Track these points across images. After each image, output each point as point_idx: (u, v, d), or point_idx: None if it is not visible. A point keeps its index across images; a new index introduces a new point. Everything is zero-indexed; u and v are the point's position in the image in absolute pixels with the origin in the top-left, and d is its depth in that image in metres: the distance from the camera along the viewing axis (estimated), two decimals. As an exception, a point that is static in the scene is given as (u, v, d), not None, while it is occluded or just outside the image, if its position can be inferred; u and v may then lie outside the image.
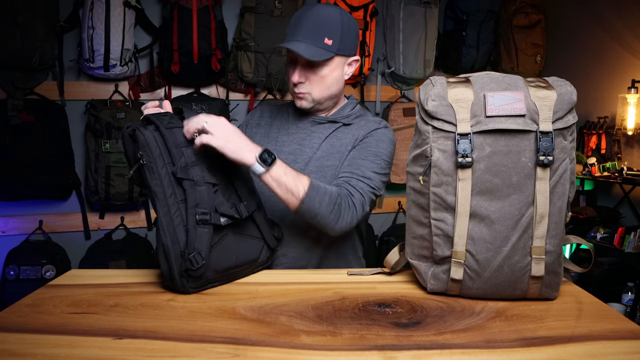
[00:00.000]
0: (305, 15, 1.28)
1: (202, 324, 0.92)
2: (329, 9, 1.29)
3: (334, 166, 1.32)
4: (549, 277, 0.99)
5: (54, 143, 2.73)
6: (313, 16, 1.27)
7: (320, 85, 1.30)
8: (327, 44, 1.25)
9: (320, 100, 1.33)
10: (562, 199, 0.97)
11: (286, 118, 1.42)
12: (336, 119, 1.36)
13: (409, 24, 3.11)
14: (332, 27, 1.26)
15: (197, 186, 1.05)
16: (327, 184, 1.24)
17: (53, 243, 2.81)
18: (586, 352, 0.82)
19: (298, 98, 1.33)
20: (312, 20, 1.26)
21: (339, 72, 1.32)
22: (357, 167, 1.28)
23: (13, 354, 0.79)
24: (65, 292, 1.07)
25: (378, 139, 1.33)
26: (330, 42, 1.25)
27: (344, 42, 1.28)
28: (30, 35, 2.54)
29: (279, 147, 1.37)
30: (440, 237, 1.01)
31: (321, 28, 1.25)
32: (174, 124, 1.08)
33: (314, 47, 1.24)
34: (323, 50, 1.25)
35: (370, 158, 1.29)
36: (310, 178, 1.17)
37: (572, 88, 0.99)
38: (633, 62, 2.96)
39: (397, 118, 3.21)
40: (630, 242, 2.62)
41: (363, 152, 1.31)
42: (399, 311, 0.98)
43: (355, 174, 1.26)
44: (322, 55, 1.25)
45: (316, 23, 1.26)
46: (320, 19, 1.26)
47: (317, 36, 1.25)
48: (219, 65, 2.85)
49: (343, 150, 1.33)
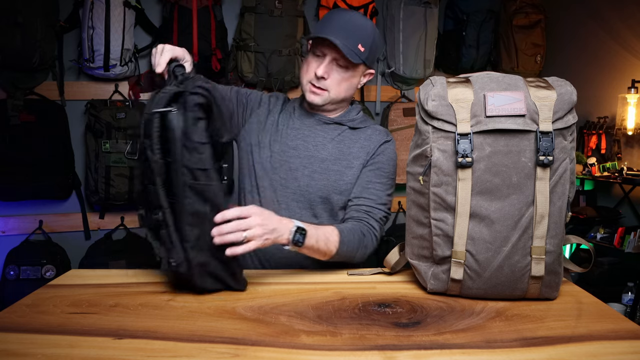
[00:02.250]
0: (343, 16, 1.29)
1: (202, 324, 0.92)
2: (365, 18, 1.32)
3: (339, 172, 1.33)
4: (549, 277, 0.99)
5: (54, 143, 2.73)
6: (351, 20, 1.28)
7: (340, 86, 1.31)
8: (360, 50, 1.26)
9: (335, 100, 1.33)
10: (562, 199, 0.97)
11: (291, 112, 1.41)
12: (342, 122, 1.37)
13: (409, 24, 3.10)
14: (366, 36, 1.27)
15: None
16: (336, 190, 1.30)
17: (53, 243, 2.81)
18: (586, 352, 0.82)
19: (313, 92, 1.32)
20: (350, 23, 1.27)
21: (358, 79, 1.34)
22: (374, 192, 1.32)
23: (13, 354, 0.80)
24: (65, 292, 1.07)
25: (388, 158, 1.36)
26: (363, 49, 1.27)
27: (372, 53, 1.30)
28: (30, 35, 2.53)
29: (284, 139, 1.36)
30: (440, 237, 1.01)
31: (357, 33, 1.26)
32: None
33: (349, 48, 1.25)
34: (355, 54, 1.26)
35: (383, 181, 1.34)
36: (338, 231, 1.20)
37: (572, 88, 0.99)
38: (633, 62, 2.96)
39: (397, 118, 3.21)
40: (630, 242, 2.62)
41: (377, 173, 1.34)
42: (399, 311, 0.98)
43: (374, 202, 1.31)
44: (355, 58, 1.26)
45: (354, 27, 1.26)
46: (357, 25, 1.27)
47: (354, 39, 1.25)
48: (219, 65, 2.85)
49: (352, 159, 1.34)
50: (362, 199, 1.31)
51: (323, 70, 1.28)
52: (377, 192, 1.32)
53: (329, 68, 1.28)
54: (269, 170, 1.34)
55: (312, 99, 1.32)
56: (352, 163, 1.33)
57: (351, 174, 1.33)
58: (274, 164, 1.34)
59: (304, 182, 1.32)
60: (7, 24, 2.46)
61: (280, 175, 1.33)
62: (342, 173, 1.32)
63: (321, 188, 1.32)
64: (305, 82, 1.33)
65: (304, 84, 1.33)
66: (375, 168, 1.34)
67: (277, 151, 1.35)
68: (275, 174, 1.33)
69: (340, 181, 1.32)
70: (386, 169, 1.35)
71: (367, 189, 1.32)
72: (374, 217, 1.30)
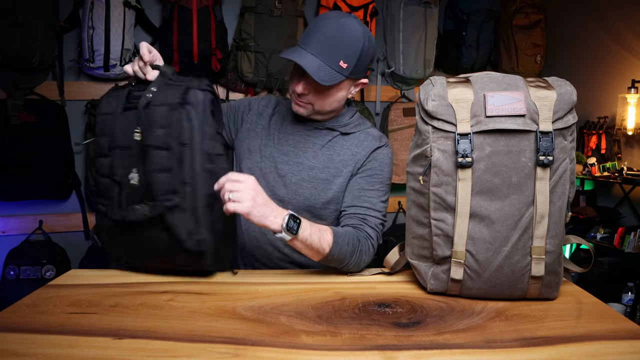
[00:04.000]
0: (328, 28, 1.19)
1: (202, 324, 0.92)
2: (355, 28, 1.20)
3: (327, 180, 1.30)
4: (549, 277, 0.99)
5: (54, 143, 2.73)
6: (337, 32, 1.19)
7: (323, 101, 1.26)
8: (341, 67, 1.19)
9: (321, 112, 1.29)
10: (562, 199, 0.97)
11: (284, 115, 1.38)
12: (334, 127, 1.33)
13: (409, 24, 3.11)
14: (351, 51, 1.20)
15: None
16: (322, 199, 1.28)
17: (53, 243, 2.81)
18: (586, 352, 0.82)
19: (297, 104, 1.28)
20: (334, 37, 1.19)
21: (344, 93, 1.28)
22: (367, 200, 1.27)
23: (13, 354, 0.80)
24: (65, 292, 1.07)
25: (382, 163, 1.31)
26: (345, 65, 1.19)
27: (358, 67, 1.23)
28: (30, 35, 2.53)
29: (275, 144, 1.35)
30: (440, 237, 1.01)
31: (340, 49, 1.19)
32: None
33: (327, 67, 1.18)
34: (336, 72, 1.19)
35: (377, 187, 1.29)
36: (332, 230, 1.16)
37: (572, 88, 0.99)
38: (633, 62, 2.96)
39: (397, 118, 3.21)
40: (630, 242, 2.62)
41: (370, 180, 1.29)
42: (399, 311, 0.98)
43: (369, 209, 1.26)
44: (333, 79, 1.19)
45: (337, 41, 1.19)
46: (342, 39, 1.19)
47: (334, 57, 1.18)
48: (219, 65, 2.85)
49: (341, 167, 1.30)
50: (356, 207, 1.27)
51: (302, 88, 1.23)
52: (371, 199, 1.27)
53: (307, 85, 1.23)
54: (258, 175, 1.26)
55: (296, 109, 1.29)
56: (340, 171, 1.30)
57: (339, 182, 1.29)
58: (264, 169, 1.32)
59: (292, 189, 1.30)
60: (7, 24, 2.46)
61: (269, 181, 1.31)
62: (329, 182, 1.29)
63: (308, 197, 1.29)
64: (291, 92, 1.29)
65: (290, 93, 1.30)
66: (367, 175, 1.30)
67: (268, 156, 1.33)
68: (264, 179, 1.31)
69: (327, 190, 1.29)
70: (379, 176, 1.30)
71: (360, 197, 1.27)
72: (369, 224, 1.25)
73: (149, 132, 1.05)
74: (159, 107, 1.05)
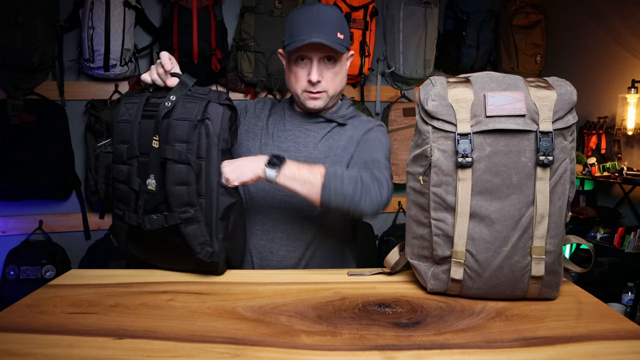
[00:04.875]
0: (312, 13, 1.26)
1: (202, 324, 0.92)
2: (330, 7, 1.30)
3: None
4: (549, 277, 0.99)
5: (54, 143, 2.73)
6: (320, 13, 1.26)
7: (334, 81, 1.30)
8: (340, 38, 1.25)
9: (334, 96, 1.33)
10: (562, 199, 0.97)
11: (282, 114, 1.40)
12: (332, 118, 1.36)
13: (409, 24, 3.11)
14: (339, 23, 1.27)
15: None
16: None
17: (53, 243, 2.81)
18: (586, 352, 0.82)
19: (312, 99, 1.30)
20: (323, 17, 1.25)
21: (345, 66, 1.34)
22: (369, 154, 1.27)
23: (13, 354, 0.80)
24: (65, 292, 1.07)
25: (377, 137, 1.34)
26: (342, 36, 1.26)
27: (348, 37, 1.30)
28: (30, 35, 2.53)
29: (275, 142, 1.36)
30: (440, 237, 1.01)
31: (332, 24, 1.25)
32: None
33: (332, 41, 1.23)
34: (339, 44, 1.25)
35: (377, 147, 1.30)
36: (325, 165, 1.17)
37: (572, 88, 0.99)
38: (633, 62, 2.96)
39: (397, 118, 3.21)
40: (630, 242, 2.62)
41: (368, 144, 1.30)
42: (399, 311, 0.98)
43: (368, 160, 1.24)
44: (342, 48, 1.25)
45: (327, 19, 1.25)
46: (328, 15, 1.26)
47: (332, 31, 1.24)
48: (219, 65, 2.85)
49: (340, 152, 1.32)
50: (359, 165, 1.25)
51: (316, 75, 1.26)
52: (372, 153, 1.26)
53: (320, 70, 1.27)
54: None
55: (313, 104, 1.31)
56: (341, 157, 1.31)
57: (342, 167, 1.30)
58: None
59: None
60: (7, 24, 2.47)
61: None
62: None
63: None
64: (300, 92, 1.30)
65: (299, 93, 1.31)
66: (363, 146, 1.30)
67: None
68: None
69: None
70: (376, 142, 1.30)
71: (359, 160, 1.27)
72: (370, 167, 1.21)
73: (168, 144, 1.06)
74: (180, 122, 1.07)
